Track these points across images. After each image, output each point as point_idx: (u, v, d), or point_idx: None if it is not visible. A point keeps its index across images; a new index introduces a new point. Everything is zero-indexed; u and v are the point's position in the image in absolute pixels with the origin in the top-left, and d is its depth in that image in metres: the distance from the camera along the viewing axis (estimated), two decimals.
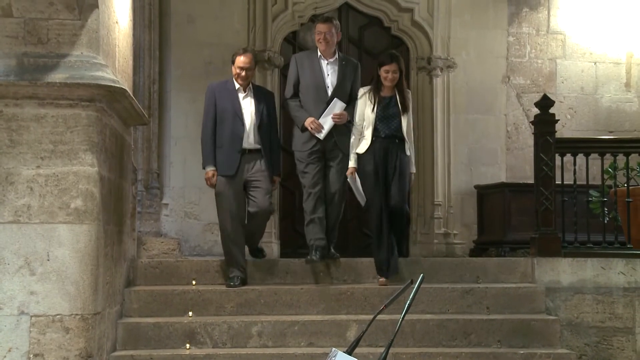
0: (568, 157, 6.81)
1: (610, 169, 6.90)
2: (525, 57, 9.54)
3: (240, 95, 6.41)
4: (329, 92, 6.44)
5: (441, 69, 9.26)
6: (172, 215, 8.67)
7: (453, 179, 9.15)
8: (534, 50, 9.54)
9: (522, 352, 5.73)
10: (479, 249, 8.85)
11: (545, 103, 6.70)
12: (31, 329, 4.78)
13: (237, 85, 6.42)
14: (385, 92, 6.41)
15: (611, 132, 9.34)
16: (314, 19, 9.30)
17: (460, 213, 9.17)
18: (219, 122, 6.36)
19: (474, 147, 9.30)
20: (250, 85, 6.50)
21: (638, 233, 6.69)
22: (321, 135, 6.35)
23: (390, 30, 9.45)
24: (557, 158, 6.66)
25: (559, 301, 6.35)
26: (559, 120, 6.86)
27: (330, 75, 6.49)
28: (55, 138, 4.86)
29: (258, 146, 6.35)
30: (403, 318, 3.56)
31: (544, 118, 6.70)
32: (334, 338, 5.76)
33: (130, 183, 6.27)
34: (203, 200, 8.46)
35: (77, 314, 4.83)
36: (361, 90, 6.48)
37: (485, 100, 9.36)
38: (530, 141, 7.54)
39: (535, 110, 6.85)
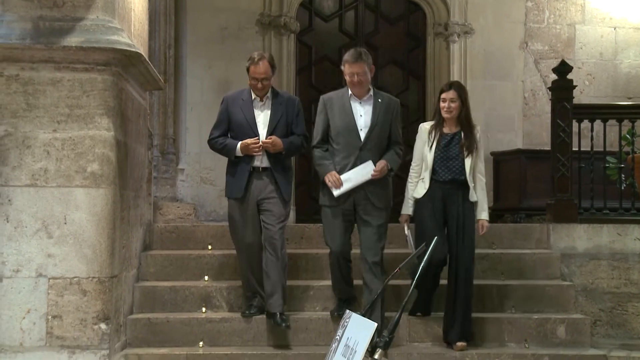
0: (585, 124, 6.78)
1: (628, 135, 6.83)
2: (543, 22, 9.44)
3: (257, 105, 5.63)
4: (362, 136, 5.44)
5: (458, 35, 9.18)
6: (188, 180, 8.71)
7: None
8: (552, 16, 9.43)
9: (536, 317, 5.75)
10: (495, 215, 8.82)
11: (563, 69, 6.65)
12: (49, 291, 4.84)
13: (253, 95, 5.64)
14: (448, 129, 5.55)
15: (630, 98, 9.25)
16: None
17: None
18: (235, 138, 5.61)
19: (491, 113, 9.24)
20: (270, 92, 5.67)
21: None
22: (336, 193, 5.39)
23: None
24: (575, 124, 6.62)
25: (574, 267, 6.35)
26: (576, 86, 6.81)
27: (363, 116, 5.48)
28: (71, 102, 4.88)
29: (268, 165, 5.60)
30: (415, 281, 3.58)
31: (562, 84, 6.64)
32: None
33: (146, 148, 6.29)
34: (219, 166, 8.39)
35: (94, 277, 4.88)
36: (422, 127, 5.65)
37: (502, 66, 9.29)
38: (548, 107, 7.49)
39: (553, 76, 6.80)
